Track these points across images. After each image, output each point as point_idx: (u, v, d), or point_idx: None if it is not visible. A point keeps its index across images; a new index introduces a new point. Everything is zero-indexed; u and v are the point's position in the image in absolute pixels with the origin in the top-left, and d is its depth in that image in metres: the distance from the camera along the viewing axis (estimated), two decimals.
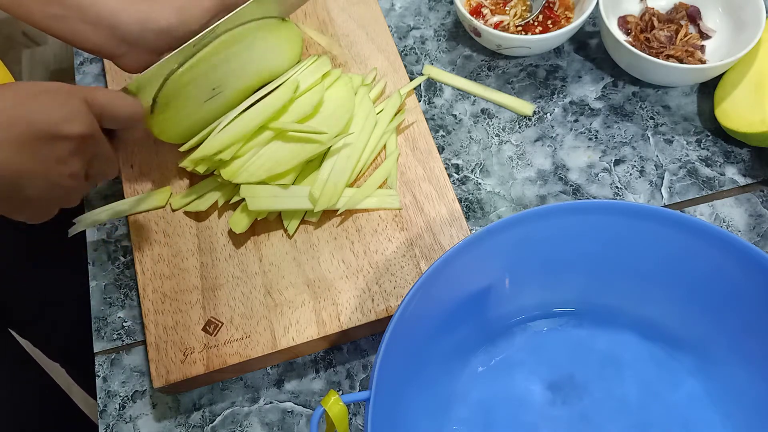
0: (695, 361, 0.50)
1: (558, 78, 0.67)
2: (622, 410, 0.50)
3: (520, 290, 0.51)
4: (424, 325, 0.47)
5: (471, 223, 0.60)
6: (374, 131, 0.59)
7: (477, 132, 0.64)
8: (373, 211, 0.57)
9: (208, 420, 0.54)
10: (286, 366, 0.56)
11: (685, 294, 0.49)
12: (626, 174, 0.62)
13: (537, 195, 0.61)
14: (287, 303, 0.54)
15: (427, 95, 0.67)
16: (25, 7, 0.45)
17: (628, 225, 0.46)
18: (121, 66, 0.50)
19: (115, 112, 0.43)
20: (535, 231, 0.47)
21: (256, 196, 0.54)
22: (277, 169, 0.54)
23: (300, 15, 0.67)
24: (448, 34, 0.70)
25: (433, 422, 0.49)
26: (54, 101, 0.40)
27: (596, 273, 0.50)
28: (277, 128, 0.55)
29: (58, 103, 0.40)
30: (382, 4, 0.72)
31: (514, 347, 0.52)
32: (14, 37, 1.79)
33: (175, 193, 0.59)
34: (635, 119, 0.64)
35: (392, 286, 0.54)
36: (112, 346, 0.57)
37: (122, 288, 0.59)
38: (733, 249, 0.44)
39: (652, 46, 0.64)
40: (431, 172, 0.59)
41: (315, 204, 0.54)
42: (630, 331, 0.52)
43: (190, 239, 0.57)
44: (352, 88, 0.59)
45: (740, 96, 0.61)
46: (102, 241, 0.61)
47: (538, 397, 0.50)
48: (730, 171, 0.61)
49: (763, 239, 0.59)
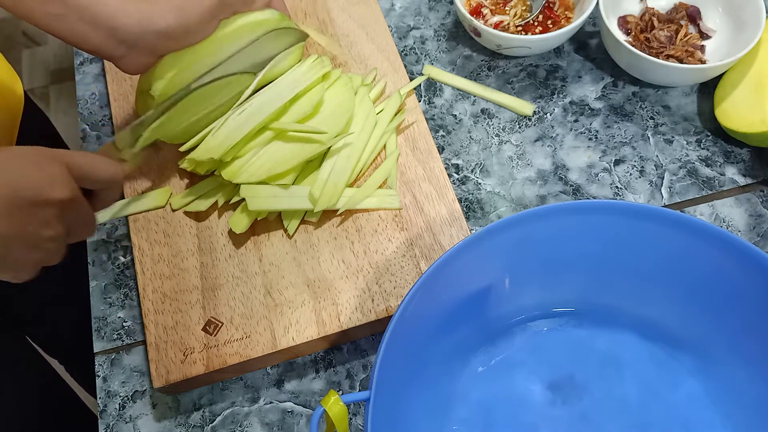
0: (695, 361, 0.50)
1: (558, 78, 0.67)
2: (622, 410, 0.50)
3: (520, 290, 0.51)
4: (424, 325, 0.47)
5: (471, 223, 0.60)
6: (374, 131, 0.59)
7: (477, 132, 0.64)
8: (373, 211, 0.57)
9: (208, 420, 0.54)
10: (286, 366, 0.56)
11: (685, 294, 0.49)
12: (626, 174, 0.62)
13: (537, 195, 0.61)
14: (287, 303, 0.54)
15: (427, 95, 0.67)
16: (26, 6, 0.45)
17: (628, 225, 0.46)
18: (121, 68, 0.50)
19: (96, 176, 0.44)
20: (535, 231, 0.47)
21: (256, 196, 0.54)
22: (278, 169, 0.54)
23: (300, 15, 0.67)
24: (448, 34, 0.70)
25: (433, 422, 0.49)
26: (36, 167, 0.40)
27: (596, 273, 0.50)
28: (278, 128, 0.55)
29: (40, 168, 0.40)
30: (382, 4, 0.72)
31: (514, 347, 0.52)
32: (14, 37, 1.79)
33: (175, 193, 0.59)
34: (635, 119, 0.64)
35: (392, 286, 0.54)
36: (112, 346, 0.57)
37: (122, 288, 0.59)
38: (733, 249, 0.44)
39: (652, 46, 0.64)
40: (431, 172, 0.59)
41: (315, 204, 0.54)
42: (630, 331, 0.52)
43: (190, 239, 0.57)
44: (352, 88, 0.59)
45: (740, 96, 0.61)
46: (102, 241, 0.61)
47: (538, 397, 0.50)
48: (730, 171, 0.61)
49: (763, 239, 0.59)
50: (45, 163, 0.40)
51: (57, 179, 0.41)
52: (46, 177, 0.40)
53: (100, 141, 0.66)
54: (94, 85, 0.69)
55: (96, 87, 0.69)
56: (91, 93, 0.69)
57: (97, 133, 0.66)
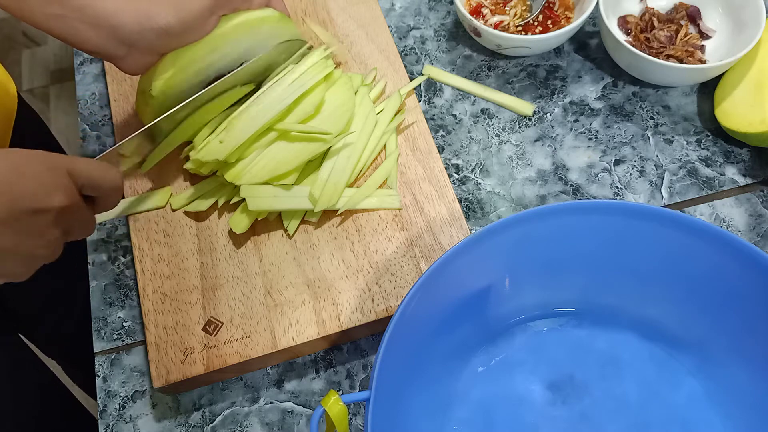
0: (695, 361, 0.50)
1: (558, 78, 0.67)
2: (622, 410, 0.50)
3: (520, 290, 0.51)
4: (424, 325, 0.47)
5: (471, 223, 0.60)
6: (374, 131, 0.59)
7: (477, 132, 0.64)
8: (373, 211, 0.57)
9: (208, 420, 0.54)
10: (286, 366, 0.56)
11: (685, 294, 0.49)
12: (626, 174, 0.62)
13: (537, 195, 0.61)
14: (287, 303, 0.54)
15: (427, 95, 0.67)
16: (26, 7, 0.45)
17: (628, 225, 0.46)
18: (122, 68, 0.51)
19: (98, 184, 0.44)
20: (535, 231, 0.47)
21: (257, 197, 0.54)
22: (280, 169, 0.54)
23: (300, 15, 0.67)
24: (448, 34, 0.70)
25: (433, 422, 0.49)
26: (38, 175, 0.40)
27: (596, 273, 0.50)
28: (282, 129, 0.55)
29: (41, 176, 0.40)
30: (382, 4, 0.72)
31: (514, 347, 0.52)
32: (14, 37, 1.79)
33: (175, 193, 0.59)
34: (635, 119, 0.64)
35: (392, 286, 0.54)
36: (112, 346, 0.57)
37: (122, 288, 0.59)
38: (733, 249, 0.44)
39: (652, 46, 0.64)
40: (431, 172, 0.59)
41: (315, 204, 0.54)
42: (630, 331, 0.52)
43: (190, 239, 0.57)
44: (352, 88, 0.59)
45: (740, 96, 0.61)
46: (102, 241, 0.61)
47: (538, 397, 0.50)
48: (730, 171, 0.61)
49: (763, 239, 0.59)
50: (46, 171, 0.40)
51: (58, 186, 0.40)
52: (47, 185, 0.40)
53: (100, 141, 0.66)
54: (94, 85, 0.69)
55: (96, 87, 0.69)
56: (91, 93, 0.69)
57: (97, 133, 0.66)
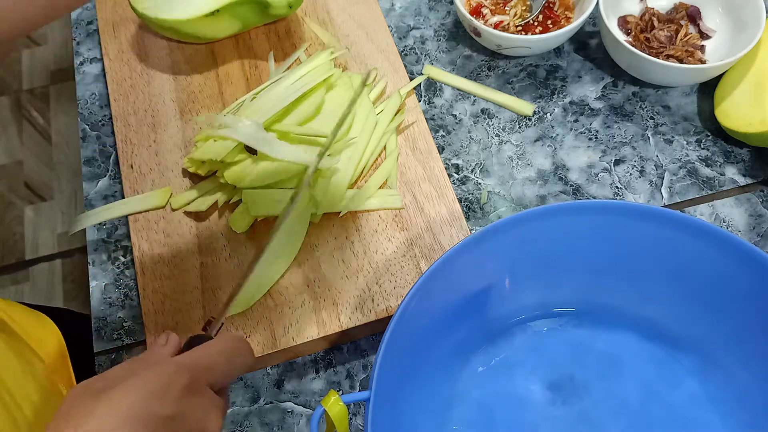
0: (695, 361, 0.50)
1: (558, 78, 0.67)
2: (622, 410, 0.50)
3: (520, 290, 0.51)
4: (424, 325, 0.47)
5: (471, 223, 0.60)
6: (374, 131, 0.59)
7: (477, 132, 0.64)
8: (373, 211, 0.57)
9: None
10: (286, 366, 0.56)
11: (685, 294, 0.49)
12: (626, 174, 0.62)
13: (537, 195, 0.61)
14: (287, 303, 0.54)
15: (427, 95, 0.67)
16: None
17: (628, 225, 0.46)
18: None
19: (233, 376, 0.40)
20: (535, 231, 0.47)
21: (259, 202, 0.54)
22: (281, 173, 0.54)
23: (300, 15, 0.67)
24: (448, 34, 0.70)
25: (433, 422, 0.49)
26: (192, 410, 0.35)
27: (596, 273, 0.50)
28: (280, 130, 0.55)
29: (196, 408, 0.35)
30: (382, 4, 0.72)
31: (514, 347, 0.52)
32: None
33: (175, 193, 0.59)
34: (635, 119, 0.64)
35: (392, 286, 0.54)
36: (112, 346, 0.57)
37: (122, 288, 0.59)
38: (733, 249, 0.44)
39: (652, 46, 0.64)
40: (431, 172, 0.59)
41: (317, 207, 0.54)
42: (630, 331, 0.52)
43: (190, 239, 0.57)
44: (352, 89, 0.59)
45: (740, 96, 0.61)
46: (102, 241, 0.61)
47: (538, 397, 0.50)
48: (730, 171, 0.61)
49: (763, 239, 0.59)
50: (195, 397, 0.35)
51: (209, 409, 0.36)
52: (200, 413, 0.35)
53: (100, 141, 0.66)
54: (94, 85, 0.69)
55: (96, 87, 0.69)
56: (91, 93, 0.69)
57: (97, 133, 0.66)
